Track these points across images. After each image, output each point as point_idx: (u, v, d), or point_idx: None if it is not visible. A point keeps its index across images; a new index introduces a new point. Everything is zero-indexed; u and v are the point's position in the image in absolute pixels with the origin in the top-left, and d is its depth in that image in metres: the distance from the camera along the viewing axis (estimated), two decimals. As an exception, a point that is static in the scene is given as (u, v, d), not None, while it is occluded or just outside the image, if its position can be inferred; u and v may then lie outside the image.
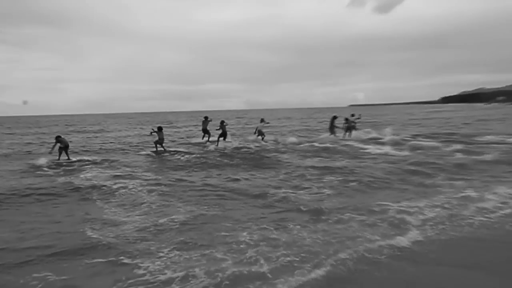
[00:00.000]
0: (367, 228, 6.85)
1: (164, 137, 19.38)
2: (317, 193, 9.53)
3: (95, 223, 7.37)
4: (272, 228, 6.93)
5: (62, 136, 17.24)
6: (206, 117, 22.14)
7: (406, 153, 16.76)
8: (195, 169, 13.60)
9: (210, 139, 21.87)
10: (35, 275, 5.17)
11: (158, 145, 18.92)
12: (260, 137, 21.97)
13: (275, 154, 17.15)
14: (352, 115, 23.90)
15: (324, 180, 11.02)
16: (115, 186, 10.53)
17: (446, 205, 8.18)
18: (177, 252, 5.85)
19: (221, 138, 20.45)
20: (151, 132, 19.27)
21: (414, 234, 6.53)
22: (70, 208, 8.66)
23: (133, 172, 13.14)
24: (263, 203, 8.79)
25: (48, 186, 10.75)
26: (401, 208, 7.95)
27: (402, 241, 6.24)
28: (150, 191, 9.98)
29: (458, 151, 16.50)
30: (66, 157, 16.23)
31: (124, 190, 10.15)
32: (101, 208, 8.64)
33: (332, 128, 23.94)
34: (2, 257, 5.78)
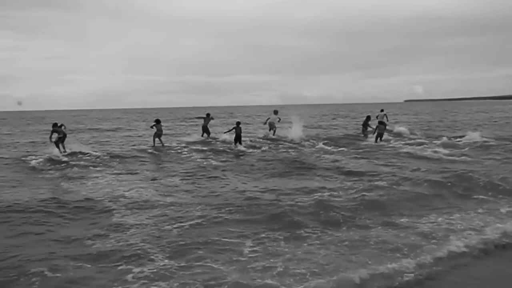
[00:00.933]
0: (393, 244, 7.24)
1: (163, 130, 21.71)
2: (344, 202, 10.01)
3: (101, 228, 8.25)
4: (281, 240, 7.54)
5: (60, 124, 18.48)
6: (208, 114, 24.21)
7: (466, 158, 16.75)
8: (212, 173, 14.34)
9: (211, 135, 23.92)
10: (33, 270, 6.16)
11: (156, 139, 20.98)
12: (271, 131, 24.54)
13: (306, 156, 17.85)
14: (381, 111, 28.49)
15: (356, 187, 11.49)
16: (126, 189, 11.48)
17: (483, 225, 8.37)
18: (177, 261, 6.55)
19: (237, 142, 21.18)
20: (151, 126, 21.71)
21: (439, 254, 6.86)
22: (75, 214, 9.41)
23: (147, 175, 14.10)
24: (279, 211, 9.30)
25: (53, 195, 11.25)
26: (436, 223, 8.41)
27: (425, 262, 6.58)
28: (163, 195, 10.87)
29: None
30: (63, 149, 17.43)
31: (136, 194, 10.98)
32: (109, 212, 9.44)
33: (364, 130, 25.22)
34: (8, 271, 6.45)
